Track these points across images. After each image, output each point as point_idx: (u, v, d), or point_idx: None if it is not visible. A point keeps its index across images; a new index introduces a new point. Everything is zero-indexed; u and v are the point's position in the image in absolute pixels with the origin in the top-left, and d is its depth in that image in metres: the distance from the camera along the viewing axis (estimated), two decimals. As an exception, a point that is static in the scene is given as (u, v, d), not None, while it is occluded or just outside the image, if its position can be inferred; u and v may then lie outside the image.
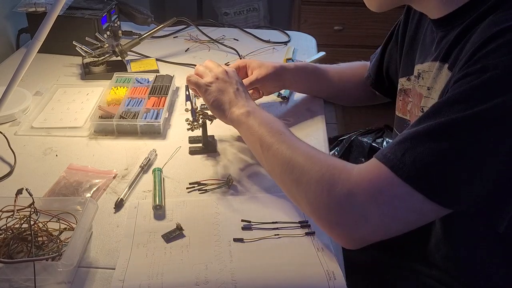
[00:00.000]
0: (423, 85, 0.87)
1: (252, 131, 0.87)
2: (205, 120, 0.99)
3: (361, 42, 2.72)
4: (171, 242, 0.79)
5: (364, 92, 1.21)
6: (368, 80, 1.17)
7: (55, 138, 1.06)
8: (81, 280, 0.72)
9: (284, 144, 0.81)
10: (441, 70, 0.80)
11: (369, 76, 1.17)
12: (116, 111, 1.09)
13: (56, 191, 0.90)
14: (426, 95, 0.84)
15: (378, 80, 1.15)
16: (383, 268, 0.93)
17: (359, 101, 1.29)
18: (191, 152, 1.01)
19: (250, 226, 0.82)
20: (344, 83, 1.22)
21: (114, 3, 1.50)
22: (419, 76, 0.89)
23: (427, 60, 0.86)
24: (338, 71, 1.22)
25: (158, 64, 1.39)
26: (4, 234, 0.74)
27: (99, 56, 1.30)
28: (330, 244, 0.78)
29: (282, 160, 0.79)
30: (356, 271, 0.86)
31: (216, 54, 1.47)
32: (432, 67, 0.84)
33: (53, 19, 1.02)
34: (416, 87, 0.90)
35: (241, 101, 0.93)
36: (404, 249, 0.91)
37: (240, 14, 2.89)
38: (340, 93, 1.23)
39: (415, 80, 0.90)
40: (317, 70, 1.19)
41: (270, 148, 0.82)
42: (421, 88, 0.88)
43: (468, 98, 0.65)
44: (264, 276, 0.73)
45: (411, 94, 0.94)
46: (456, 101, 0.66)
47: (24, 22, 1.46)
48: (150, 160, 0.98)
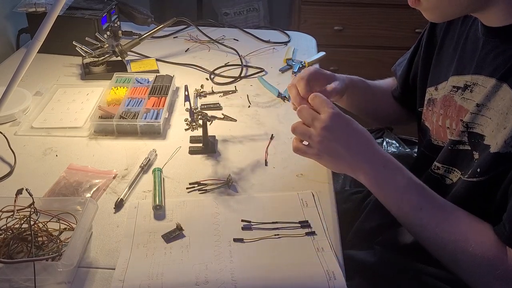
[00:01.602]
0: (471, 99, 0.83)
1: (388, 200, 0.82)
2: (206, 120, 0.99)
3: (361, 42, 2.72)
4: (171, 242, 0.79)
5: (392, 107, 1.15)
6: (395, 93, 1.13)
7: (55, 138, 1.06)
8: (81, 280, 0.72)
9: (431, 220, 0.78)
10: (498, 89, 0.77)
11: (396, 89, 1.12)
12: (116, 111, 1.09)
13: (56, 191, 0.90)
14: (473, 111, 0.80)
15: (404, 93, 1.10)
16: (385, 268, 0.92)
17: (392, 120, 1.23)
18: (191, 152, 1.01)
19: (250, 226, 0.82)
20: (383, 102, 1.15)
21: (114, 3, 1.50)
22: (467, 88, 0.84)
23: (479, 72, 0.82)
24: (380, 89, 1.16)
25: (158, 64, 1.39)
26: (4, 234, 0.74)
27: (99, 56, 1.30)
28: (330, 244, 0.78)
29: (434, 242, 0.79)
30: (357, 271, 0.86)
31: (216, 54, 1.47)
32: (486, 83, 0.80)
33: (53, 19, 1.02)
34: (456, 98, 0.86)
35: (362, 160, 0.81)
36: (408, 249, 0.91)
37: (240, 14, 2.89)
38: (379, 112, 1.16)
39: (454, 90, 0.87)
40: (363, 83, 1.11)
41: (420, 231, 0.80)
42: (466, 101, 0.84)
43: None
44: (264, 276, 0.73)
45: (438, 103, 0.91)
46: None
47: (24, 22, 1.46)
48: (150, 160, 0.98)
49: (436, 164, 0.88)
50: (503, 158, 0.74)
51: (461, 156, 0.83)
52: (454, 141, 0.85)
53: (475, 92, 0.83)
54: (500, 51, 0.78)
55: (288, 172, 0.95)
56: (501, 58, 0.78)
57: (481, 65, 0.82)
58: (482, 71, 0.81)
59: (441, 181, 0.88)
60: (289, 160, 0.99)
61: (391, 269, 0.89)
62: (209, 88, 1.25)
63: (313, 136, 0.82)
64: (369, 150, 0.82)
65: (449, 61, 0.91)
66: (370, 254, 0.91)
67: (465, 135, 0.82)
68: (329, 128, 0.80)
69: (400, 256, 0.91)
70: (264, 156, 1.00)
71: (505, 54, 0.77)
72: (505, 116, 0.75)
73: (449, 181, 0.87)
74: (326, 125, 0.80)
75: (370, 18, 2.64)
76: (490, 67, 0.80)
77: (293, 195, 0.89)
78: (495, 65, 0.78)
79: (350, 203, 1.10)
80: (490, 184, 0.77)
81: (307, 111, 0.84)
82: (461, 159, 0.83)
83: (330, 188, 0.92)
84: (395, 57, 1.20)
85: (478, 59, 0.83)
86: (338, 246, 0.79)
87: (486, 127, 0.79)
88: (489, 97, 0.78)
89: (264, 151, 1.01)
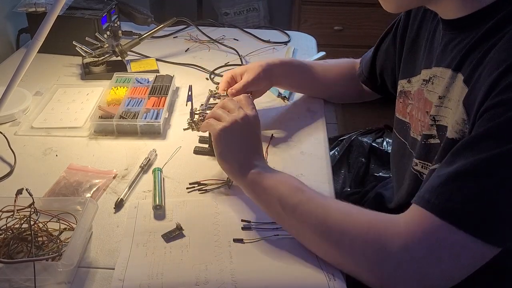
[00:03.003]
0: (432, 91, 0.85)
1: (269, 191, 0.79)
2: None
3: (361, 42, 2.72)
4: (171, 242, 0.79)
5: (351, 89, 1.21)
6: (361, 77, 1.17)
7: (55, 138, 1.06)
8: (81, 280, 0.72)
9: (311, 203, 0.75)
10: (454, 79, 0.78)
11: (362, 74, 1.17)
12: (116, 111, 1.09)
13: (56, 191, 0.90)
14: (437, 103, 0.81)
15: (371, 77, 1.15)
16: None
17: (346, 98, 1.29)
18: (196, 152, 1.00)
19: (250, 226, 0.82)
20: (330, 79, 1.21)
21: (114, 3, 1.50)
22: (429, 81, 0.86)
23: (438, 65, 0.84)
24: (324, 67, 1.22)
25: (158, 64, 1.39)
26: (4, 234, 0.74)
27: (99, 56, 1.30)
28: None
29: (314, 221, 0.73)
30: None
31: (216, 54, 1.47)
32: (444, 74, 0.81)
33: (53, 19, 1.02)
34: (424, 92, 0.88)
35: (253, 158, 0.84)
36: None
37: (240, 14, 2.89)
38: (326, 89, 1.22)
39: (423, 84, 0.88)
40: (302, 65, 1.18)
41: (295, 210, 0.75)
42: (429, 94, 0.86)
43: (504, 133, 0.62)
44: (264, 276, 0.73)
45: (413, 96, 0.93)
46: (492, 135, 0.63)
47: (24, 22, 1.46)
48: (150, 160, 0.98)
49: (415, 160, 0.89)
50: (453, 144, 0.73)
51: (433, 150, 0.83)
52: (425, 135, 0.85)
53: (436, 84, 0.84)
54: (456, 42, 0.79)
55: (288, 172, 0.95)
56: (456, 49, 0.79)
57: (440, 57, 0.83)
58: (441, 63, 0.83)
59: (420, 178, 0.87)
60: (289, 160, 0.99)
61: None
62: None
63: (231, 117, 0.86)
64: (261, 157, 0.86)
65: (421, 55, 0.93)
66: None
67: (434, 128, 0.83)
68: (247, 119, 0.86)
69: None
70: (266, 155, 0.99)
71: (460, 44, 0.78)
72: (457, 103, 0.75)
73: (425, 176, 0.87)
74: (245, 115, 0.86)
75: (370, 18, 2.64)
76: (447, 58, 0.81)
77: (293, 195, 0.89)
78: (451, 56, 0.80)
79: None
80: None
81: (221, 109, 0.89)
82: (433, 153, 0.83)
83: (330, 188, 0.92)
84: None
85: (437, 52, 0.85)
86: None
87: (448, 118, 0.79)
88: (448, 88, 0.79)
89: (264, 151, 1.01)
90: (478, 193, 0.63)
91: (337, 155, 1.37)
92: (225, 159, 0.85)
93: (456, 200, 0.64)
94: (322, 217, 0.73)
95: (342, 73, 1.22)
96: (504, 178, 0.62)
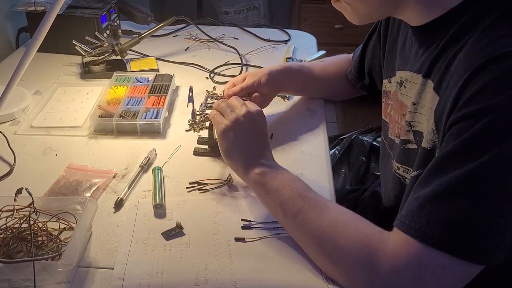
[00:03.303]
0: (406, 94, 0.85)
1: (271, 195, 0.79)
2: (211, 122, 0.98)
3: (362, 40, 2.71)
4: (170, 240, 0.79)
5: (350, 86, 1.20)
6: (349, 76, 1.18)
7: (55, 138, 1.05)
8: (80, 280, 0.72)
9: (311, 213, 0.75)
10: (425, 86, 0.77)
11: (350, 72, 1.17)
12: (116, 110, 1.09)
13: (56, 190, 0.89)
14: (412, 109, 0.81)
15: (359, 76, 1.15)
16: None
17: (347, 95, 1.27)
18: (196, 153, 1.00)
19: (250, 226, 0.82)
20: (330, 79, 1.21)
21: (114, 2, 1.50)
22: (402, 84, 0.86)
23: (410, 69, 0.84)
24: (322, 67, 1.22)
25: (158, 63, 1.39)
26: (4, 234, 0.74)
27: (99, 55, 1.30)
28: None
29: (311, 233, 0.74)
30: None
31: (216, 53, 1.47)
32: (415, 79, 0.81)
33: (53, 18, 1.01)
34: (398, 94, 0.88)
35: (257, 156, 0.84)
36: None
37: (240, 13, 2.89)
38: (327, 88, 1.22)
39: (397, 86, 0.88)
40: (302, 68, 1.18)
41: (295, 218, 0.76)
42: (403, 97, 0.86)
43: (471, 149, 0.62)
44: (264, 276, 0.73)
45: (391, 97, 0.92)
46: (460, 152, 0.63)
47: (23, 21, 1.46)
48: (150, 159, 0.98)
49: (396, 164, 0.89)
50: (428, 154, 0.74)
51: (412, 155, 0.83)
52: (403, 140, 0.85)
53: (408, 88, 0.84)
54: (425, 48, 0.79)
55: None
56: (425, 55, 0.78)
57: (412, 62, 0.83)
58: (412, 67, 0.83)
59: (403, 182, 0.87)
60: (289, 160, 0.99)
61: None
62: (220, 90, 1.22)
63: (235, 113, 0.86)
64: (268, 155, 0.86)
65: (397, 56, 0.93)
66: None
67: (411, 133, 0.83)
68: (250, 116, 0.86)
69: None
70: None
71: (428, 50, 0.78)
72: (430, 111, 0.75)
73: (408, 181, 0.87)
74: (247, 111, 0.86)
75: (370, 17, 2.63)
76: (417, 64, 0.81)
77: (293, 195, 0.89)
78: (421, 62, 0.79)
79: (347, 202, 1.10)
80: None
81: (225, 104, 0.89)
82: (412, 158, 0.83)
83: (330, 187, 0.92)
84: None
85: (410, 56, 0.85)
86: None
87: (423, 124, 0.79)
88: (420, 94, 0.79)
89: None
90: (456, 212, 0.62)
91: (338, 154, 1.37)
92: (230, 157, 0.86)
93: (435, 222, 0.63)
94: (319, 230, 0.73)
95: (340, 71, 1.21)
96: (480, 192, 0.62)
